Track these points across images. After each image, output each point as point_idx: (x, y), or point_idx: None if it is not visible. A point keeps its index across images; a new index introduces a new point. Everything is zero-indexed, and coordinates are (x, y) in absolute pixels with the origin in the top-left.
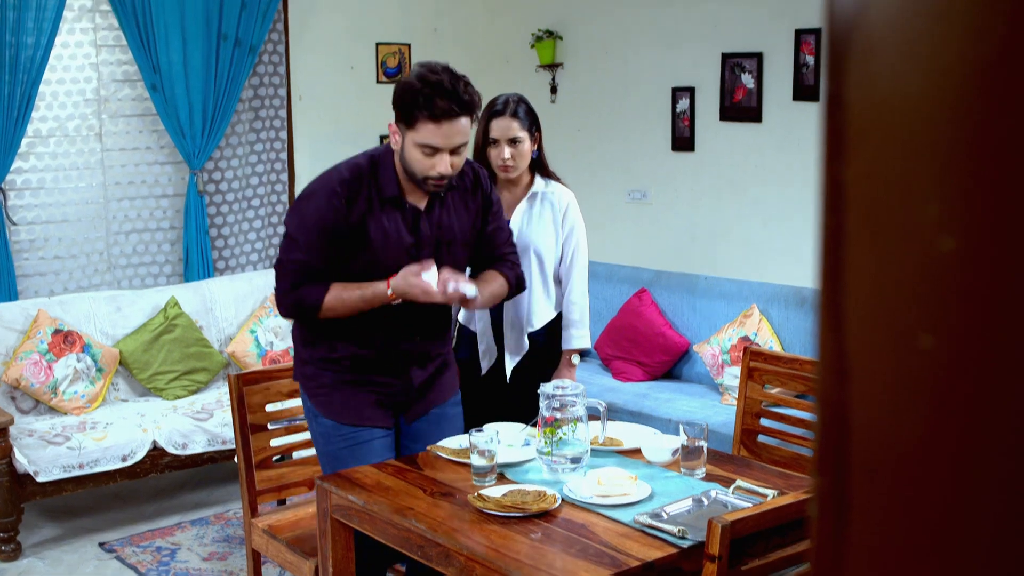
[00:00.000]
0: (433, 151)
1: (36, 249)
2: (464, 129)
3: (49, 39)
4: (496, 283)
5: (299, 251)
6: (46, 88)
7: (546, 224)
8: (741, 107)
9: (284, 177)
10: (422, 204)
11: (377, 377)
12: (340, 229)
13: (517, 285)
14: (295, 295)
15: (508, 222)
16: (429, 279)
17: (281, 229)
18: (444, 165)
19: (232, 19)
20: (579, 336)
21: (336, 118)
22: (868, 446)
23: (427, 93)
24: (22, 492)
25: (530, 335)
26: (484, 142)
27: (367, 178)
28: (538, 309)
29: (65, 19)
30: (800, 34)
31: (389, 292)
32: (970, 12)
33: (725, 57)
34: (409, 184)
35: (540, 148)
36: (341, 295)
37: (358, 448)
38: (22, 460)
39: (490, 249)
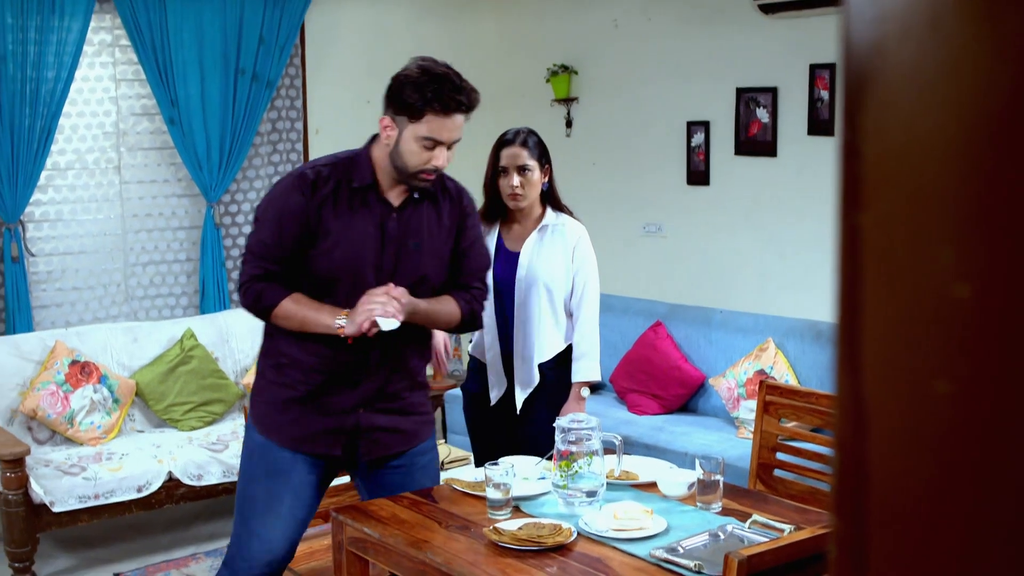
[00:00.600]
0: (434, 144)
1: (54, 280)
2: (461, 125)
3: (69, 73)
4: (447, 306)
5: (263, 233)
6: (65, 121)
7: (556, 256)
8: (756, 141)
9: None
10: (396, 202)
11: (329, 397)
12: (303, 214)
13: (469, 320)
14: (255, 288)
15: (516, 256)
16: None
17: None
18: (442, 158)
19: (250, 54)
20: (589, 368)
21: None
22: (885, 490)
23: (435, 87)
24: (38, 522)
25: (540, 367)
26: (494, 172)
27: (342, 169)
28: (548, 341)
29: (85, 53)
30: (814, 69)
31: (342, 318)
32: (981, 62)
33: (740, 92)
34: (388, 179)
35: (551, 181)
36: (296, 304)
37: (276, 477)
38: (38, 490)
39: (457, 273)
